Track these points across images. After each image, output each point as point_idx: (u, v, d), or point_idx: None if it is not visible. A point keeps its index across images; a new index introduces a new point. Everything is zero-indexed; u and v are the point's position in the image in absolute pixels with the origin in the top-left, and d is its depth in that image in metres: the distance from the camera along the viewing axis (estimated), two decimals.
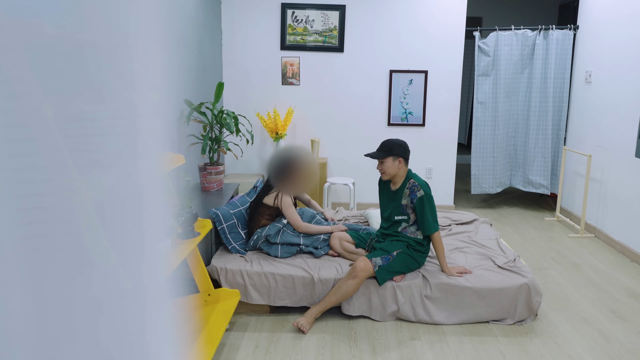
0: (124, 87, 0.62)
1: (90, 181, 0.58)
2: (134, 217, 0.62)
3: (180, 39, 3.77)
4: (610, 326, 3.00)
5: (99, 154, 0.59)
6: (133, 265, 0.62)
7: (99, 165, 0.60)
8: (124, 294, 0.60)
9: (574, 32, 5.12)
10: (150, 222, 0.64)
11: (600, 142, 4.61)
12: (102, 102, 0.60)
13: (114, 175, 0.60)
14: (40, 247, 0.52)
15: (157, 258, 0.65)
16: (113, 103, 0.61)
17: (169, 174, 2.87)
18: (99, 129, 0.59)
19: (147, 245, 0.63)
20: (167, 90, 0.64)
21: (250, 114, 5.18)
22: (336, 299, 2.90)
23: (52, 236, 0.53)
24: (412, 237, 3.06)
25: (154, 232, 0.64)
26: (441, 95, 5.22)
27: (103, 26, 0.59)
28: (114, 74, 0.61)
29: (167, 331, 0.67)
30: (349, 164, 5.36)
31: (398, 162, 3.00)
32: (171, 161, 2.50)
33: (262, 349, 2.71)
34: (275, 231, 3.19)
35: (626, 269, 3.88)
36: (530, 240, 4.55)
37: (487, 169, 5.37)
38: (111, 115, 0.60)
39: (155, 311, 0.64)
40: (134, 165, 0.62)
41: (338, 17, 5.04)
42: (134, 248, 0.62)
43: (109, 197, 0.60)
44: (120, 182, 0.61)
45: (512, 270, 3.04)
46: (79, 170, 0.57)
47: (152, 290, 0.64)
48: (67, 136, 0.56)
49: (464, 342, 2.80)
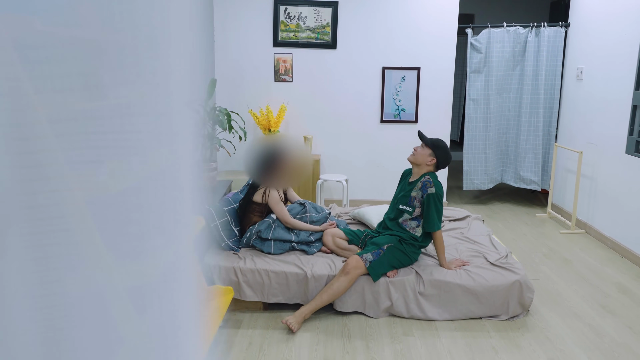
0: (117, 84, 0.62)
1: (86, 179, 0.58)
2: (137, 213, 0.62)
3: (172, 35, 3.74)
4: (600, 321, 3.03)
5: (93, 151, 0.59)
6: (135, 262, 0.62)
7: (93, 162, 0.60)
8: (127, 291, 0.61)
9: (565, 30, 5.15)
10: (152, 217, 0.64)
11: (591, 139, 4.64)
12: (96, 100, 0.59)
13: (110, 171, 0.60)
14: (39, 243, 0.52)
15: (161, 254, 0.65)
16: (107, 100, 0.61)
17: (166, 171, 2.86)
18: (94, 126, 0.58)
19: (153, 240, 0.64)
20: (163, 87, 0.64)
21: (243, 111, 5.17)
22: (328, 297, 2.89)
23: (51, 233, 0.53)
24: (410, 232, 3.07)
25: (160, 228, 0.65)
26: (434, 92, 5.23)
27: (95, 23, 0.59)
28: (107, 70, 0.61)
29: (189, 323, 0.67)
30: (342, 161, 5.37)
31: (431, 159, 3.06)
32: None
33: (255, 346, 2.71)
34: (266, 226, 3.19)
35: (616, 265, 3.92)
36: (521, 236, 4.58)
37: (479, 166, 5.40)
38: (106, 113, 0.59)
39: (181, 306, 0.65)
40: (130, 162, 0.62)
41: (331, 13, 5.03)
42: (132, 244, 0.62)
43: (104, 195, 0.59)
44: (116, 178, 0.60)
45: (504, 267, 3.06)
46: (73, 168, 0.56)
47: (177, 283, 0.64)
48: (60, 135, 0.55)
49: (456, 338, 2.81)
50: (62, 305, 0.53)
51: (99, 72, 0.59)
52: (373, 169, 5.39)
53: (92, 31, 0.57)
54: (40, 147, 0.51)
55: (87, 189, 0.56)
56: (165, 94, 0.64)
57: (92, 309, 0.57)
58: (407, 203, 3.08)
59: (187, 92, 0.64)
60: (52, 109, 0.54)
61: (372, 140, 5.32)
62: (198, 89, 0.68)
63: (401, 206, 3.10)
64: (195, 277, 0.68)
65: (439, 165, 3.10)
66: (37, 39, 0.53)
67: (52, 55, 0.54)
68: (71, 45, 0.56)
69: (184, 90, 0.64)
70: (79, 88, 0.58)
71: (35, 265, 0.51)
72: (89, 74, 0.59)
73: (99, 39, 0.57)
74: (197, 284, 0.68)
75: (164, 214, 0.64)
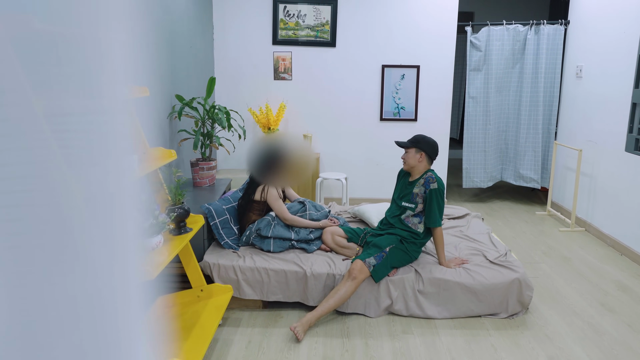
0: (112, 82, 0.61)
1: (77, 176, 0.57)
2: (118, 213, 0.61)
3: (171, 34, 3.74)
4: (599, 319, 3.03)
5: (85, 149, 0.59)
6: (116, 262, 0.61)
7: (85, 160, 0.59)
8: (104, 291, 0.60)
9: (564, 27, 5.14)
10: (132, 218, 0.63)
11: (591, 137, 4.64)
12: (90, 98, 0.59)
13: (100, 170, 0.60)
14: (21, 244, 0.52)
15: (137, 255, 0.65)
16: (100, 98, 0.60)
17: (160, 170, 2.85)
18: (86, 124, 0.58)
19: (130, 241, 0.63)
20: (158, 85, 0.64)
21: (242, 109, 5.16)
22: (335, 302, 2.84)
23: (34, 233, 0.52)
24: (412, 229, 3.07)
25: (135, 229, 0.64)
26: (433, 90, 5.22)
27: (91, 21, 0.59)
28: (102, 68, 0.60)
29: (145, 329, 0.66)
30: (342, 159, 5.36)
31: (420, 155, 3.06)
32: (162, 156, 2.48)
33: (255, 344, 2.71)
34: (265, 224, 3.19)
35: (616, 262, 3.92)
36: (521, 234, 4.58)
37: (478, 163, 5.40)
38: (99, 111, 0.59)
39: (133, 310, 0.64)
40: (120, 162, 0.61)
41: (330, 11, 5.02)
42: (119, 244, 0.61)
43: (94, 193, 0.59)
44: (105, 178, 0.60)
45: (504, 265, 3.06)
46: (67, 165, 0.56)
47: (130, 289, 0.63)
48: (56, 131, 0.55)
49: (456, 336, 2.81)
50: (36, 307, 0.53)
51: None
52: (372, 167, 5.38)
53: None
54: (30, 144, 0.51)
55: (75, 189, 0.56)
56: (95, 93, 0.63)
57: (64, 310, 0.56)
58: (409, 200, 3.09)
59: (119, 91, 0.63)
60: (47, 105, 0.54)
61: (372, 139, 5.31)
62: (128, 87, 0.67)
63: (404, 203, 3.11)
64: (137, 291, 0.66)
65: (431, 156, 3.09)
66: (32, 37, 0.52)
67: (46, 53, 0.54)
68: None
69: (115, 89, 0.62)
70: (74, 85, 0.58)
71: (14, 267, 0.51)
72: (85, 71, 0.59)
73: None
74: (140, 299, 0.67)
75: (101, 221, 0.62)
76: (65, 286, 0.57)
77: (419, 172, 3.10)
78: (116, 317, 0.62)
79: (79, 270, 0.58)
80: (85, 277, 0.59)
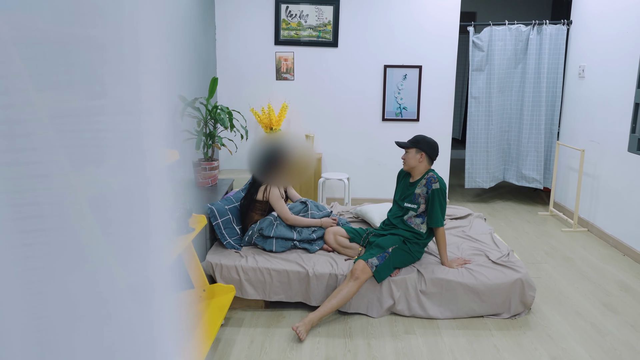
0: (118, 82, 0.61)
1: (86, 177, 0.58)
2: (135, 212, 0.62)
3: (173, 34, 3.75)
4: (602, 319, 3.02)
5: (94, 149, 0.59)
6: (135, 261, 0.62)
7: (94, 160, 0.60)
8: (125, 290, 0.60)
9: (567, 27, 5.14)
10: (153, 217, 0.64)
11: (593, 137, 4.63)
12: (96, 98, 0.59)
13: (110, 170, 0.60)
14: (35, 242, 0.52)
15: (160, 253, 0.65)
16: (108, 98, 0.60)
17: (165, 170, 2.86)
18: (94, 124, 0.58)
19: (149, 240, 0.63)
20: (164, 85, 0.64)
21: (245, 109, 5.16)
22: (337, 302, 2.84)
23: (48, 231, 0.53)
24: (415, 229, 3.07)
25: (156, 228, 0.64)
26: (435, 90, 5.22)
27: (96, 20, 0.59)
28: (108, 69, 0.60)
29: (170, 327, 0.67)
30: (344, 159, 5.36)
31: (420, 155, 3.06)
32: (165, 157, 2.48)
33: (257, 344, 2.72)
34: (267, 223, 3.19)
35: (618, 263, 3.91)
36: (523, 234, 4.57)
37: (480, 164, 5.39)
38: (106, 111, 0.59)
39: (159, 307, 0.65)
40: (131, 161, 0.62)
41: (332, 11, 5.03)
42: (133, 244, 0.62)
43: (105, 193, 0.59)
44: (117, 177, 0.60)
45: (506, 266, 3.06)
46: (74, 166, 0.56)
47: (156, 286, 0.64)
48: (62, 131, 0.55)
49: (458, 336, 2.81)
50: (50, 305, 0.53)
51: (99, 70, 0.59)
52: (375, 167, 5.38)
53: (90, 29, 0.57)
54: (36, 145, 0.51)
55: (81, 188, 0.56)
56: (157, 91, 0.64)
57: (78, 310, 0.57)
58: (411, 201, 3.09)
59: (160, 89, 0.64)
60: (52, 106, 0.54)
61: (374, 139, 5.31)
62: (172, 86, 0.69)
63: (406, 204, 3.11)
64: (169, 284, 0.67)
65: (431, 156, 3.09)
66: (36, 37, 0.53)
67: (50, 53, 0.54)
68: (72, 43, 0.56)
69: (155, 88, 0.63)
70: (80, 86, 0.58)
71: (24, 264, 0.51)
72: (90, 72, 0.59)
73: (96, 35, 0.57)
74: (171, 291, 0.68)
75: (149, 216, 0.64)
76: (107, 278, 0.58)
77: (419, 172, 3.10)
78: (152, 309, 0.63)
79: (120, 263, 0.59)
80: (124, 269, 0.60)
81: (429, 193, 3.03)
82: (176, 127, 3.71)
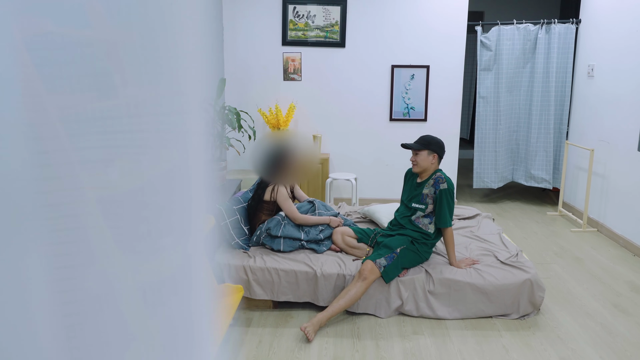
0: (128, 84, 0.62)
1: (98, 178, 0.58)
2: (176, 209, 0.64)
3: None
4: (612, 320, 3.00)
5: (105, 150, 0.60)
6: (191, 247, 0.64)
7: (106, 161, 0.60)
8: (165, 284, 0.62)
9: (576, 26, 5.10)
10: (194, 213, 0.66)
11: (603, 136, 4.60)
12: (107, 99, 0.60)
13: (120, 169, 0.61)
14: (67, 240, 0.53)
15: (198, 247, 0.67)
16: (118, 99, 0.61)
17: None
18: (105, 126, 0.59)
19: (189, 237, 0.65)
20: (173, 86, 0.65)
21: (252, 110, 5.18)
22: (345, 302, 2.84)
23: (84, 229, 0.54)
24: (423, 229, 3.07)
25: (196, 225, 0.66)
26: (443, 90, 5.21)
27: (106, 22, 0.59)
28: (117, 70, 0.61)
29: (206, 317, 0.69)
30: (351, 160, 5.36)
31: (432, 157, 3.06)
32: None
33: (265, 344, 2.72)
34: (275, 223, 3.20)
35: (629, 263, 3.88)
36: (532, 234, 4.55)
37: (489, 164, 5.37)
38: (117, 112, 0.60)
39: (197, 299, 0.66)
40: (140, 161, 0.63)
41: (339, 12, 5.03)
42: (142, 242, 0.62)
43: (146, 189, 0.61)
44: (126, 177, 0.61)
45: (515, 266, 3.04)
46: (84, 167, 0.57)
47: (195, 279, 0.66)
48: (73, 134, 0.56)
49: (467, 337, 2.80)
50: (79, 301, 0.55)
51: (110, 71, 0.60)
52: (382, 167, 5.38)
53: (103, 31, 0.58)
54: (53, 147, 0.52)
55: (98, 188, 0.57)
56: (176, 93, 0.65)
57: (106, 306, 0.58)
58: (419, 201, 3.08)
59: (198, 91, 0.66)
60: (65, 109, 0.55)
61: (381, 139, 5.31)
62: (208, 88, 0.70)
63: (414, 204, 3.11)
64: (206, 276, 0.69)
65: (441, 156, 3.10)
66: (48, 40, 0.53)
67: (63, 56, 0.54)
68: (83, 46, 0.57)
69: (194, 89, 0.65)
70: (91, 88, 0.59)
71: (54, 262, 0.52)
72: (100, 74, 0.60)
73: (110, 39, 0.58)
74: (208, 283, 0.70)
75: (174, 212, 0.65)
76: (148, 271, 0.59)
77: (428, 173, 3.10)
78: (190, 301, 0.65)
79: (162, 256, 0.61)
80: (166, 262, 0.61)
81: (436, 193, 3.03)
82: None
